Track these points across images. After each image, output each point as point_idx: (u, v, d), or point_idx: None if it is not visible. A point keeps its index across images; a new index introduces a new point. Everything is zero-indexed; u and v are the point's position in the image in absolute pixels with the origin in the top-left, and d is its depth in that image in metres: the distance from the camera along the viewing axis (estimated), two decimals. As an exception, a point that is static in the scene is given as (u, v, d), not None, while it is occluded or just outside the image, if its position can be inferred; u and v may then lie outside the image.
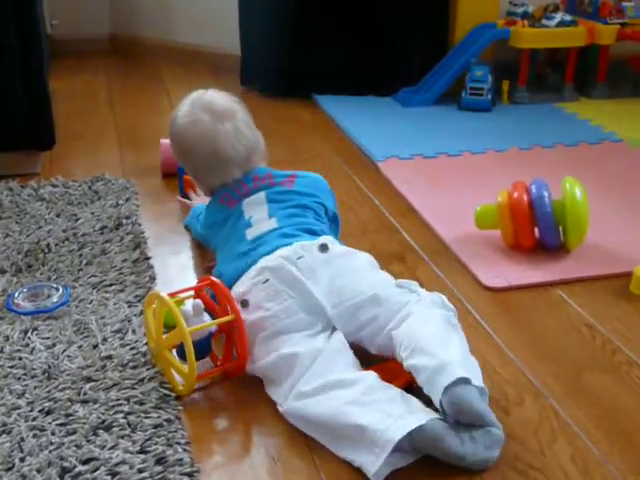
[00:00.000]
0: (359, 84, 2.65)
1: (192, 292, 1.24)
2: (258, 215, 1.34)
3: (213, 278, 1.21)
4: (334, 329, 1.19)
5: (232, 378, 1.20)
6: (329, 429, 1.06)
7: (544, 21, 2.58)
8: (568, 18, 2.58)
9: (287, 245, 1.25)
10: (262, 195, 1.37)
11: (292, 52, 2.61)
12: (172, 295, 1.21)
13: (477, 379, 1.06)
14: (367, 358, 1.18)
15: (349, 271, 1.23)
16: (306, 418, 1.09)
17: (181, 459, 1.02)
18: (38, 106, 1.97)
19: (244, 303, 1.21)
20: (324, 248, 1.24)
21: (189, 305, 1.18)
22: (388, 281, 1.25)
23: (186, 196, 1.81)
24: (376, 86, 2.65)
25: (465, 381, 1.03)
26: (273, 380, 1.16)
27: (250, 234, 1.32)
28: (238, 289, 1.23)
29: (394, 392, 1.08)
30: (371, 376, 1.10)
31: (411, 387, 1.11)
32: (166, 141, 1.92)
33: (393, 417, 1.02)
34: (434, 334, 1.11)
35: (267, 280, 1.21)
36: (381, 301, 1.18)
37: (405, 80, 2.63)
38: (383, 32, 2.59)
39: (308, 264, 1.22)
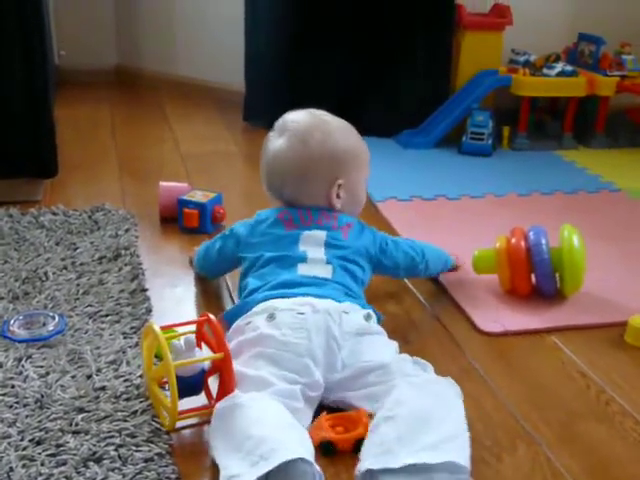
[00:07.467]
0: (361, 124, 2.64)
1: (189, 327, 1.23)
2: (313, 254, 1.35)
3: (210, 315, 1.20)
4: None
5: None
6: None
7: (545, 70, 2.61)
8: (569, 68, 2.61)
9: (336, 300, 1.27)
10: (322, 235, 1.38)
11: (295, 91, 2.63)
12: (168, 328, 1.21)
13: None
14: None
15: (372, 341, 1.24)
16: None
17: (171, 494, 1.01)
18: (42, 134, 1.99)
19: (271, 316, 1.21)
20: (368, 317, 1.27)
21: (182, 340, 1.17)
22: (405, 357, 1.25)
23: (186, 228, 1.83)
24: (377, 127, 2.66)
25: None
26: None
27: (302, 269, 1.32)
28: (274, 303, 1.24)
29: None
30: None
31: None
32: (165, 184, 1.93)
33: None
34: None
35: (303, 314, 1.21)
36: (393, 372, 1.18)
37: (407, 122, 2.66)
38: (386, 74, 2.62)
39: (349, 326, 1.22)
